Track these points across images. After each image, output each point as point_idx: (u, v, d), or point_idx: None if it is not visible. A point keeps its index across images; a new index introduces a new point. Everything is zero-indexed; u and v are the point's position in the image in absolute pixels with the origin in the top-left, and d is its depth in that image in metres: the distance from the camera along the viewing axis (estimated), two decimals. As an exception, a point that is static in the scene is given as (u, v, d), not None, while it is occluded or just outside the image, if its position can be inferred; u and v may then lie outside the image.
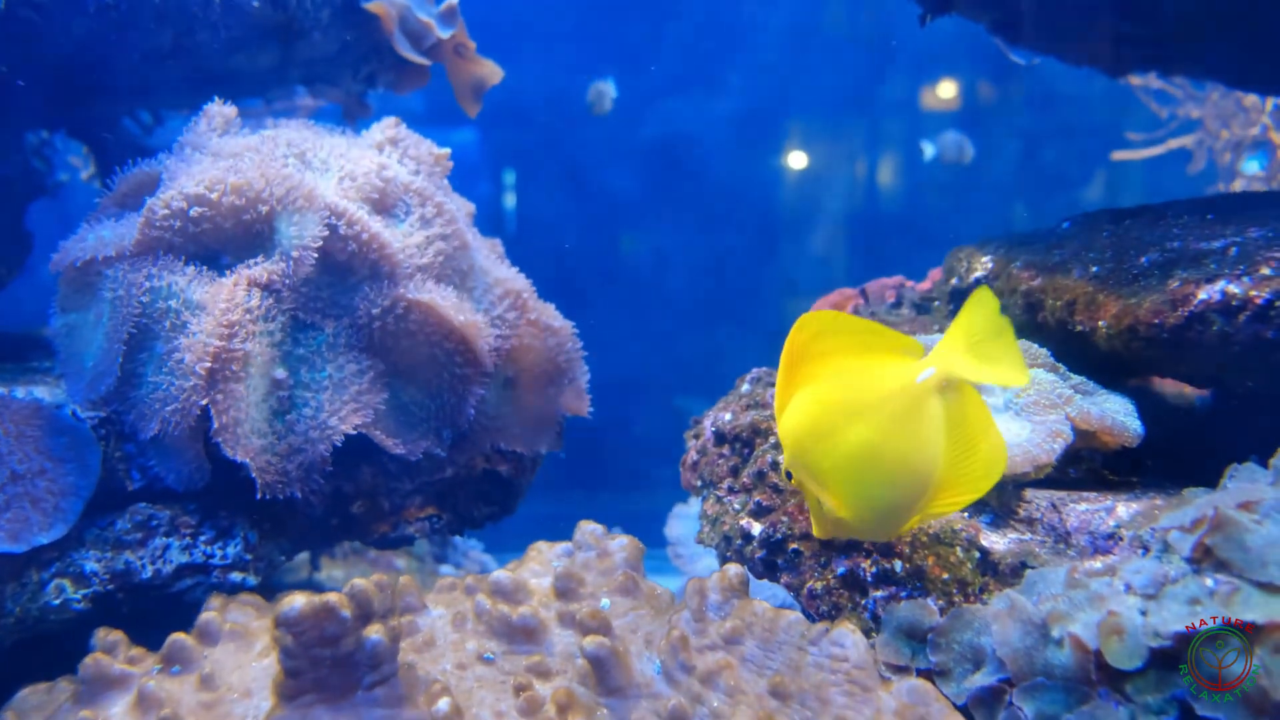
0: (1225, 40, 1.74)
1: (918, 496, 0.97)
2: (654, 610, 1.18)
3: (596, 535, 1.26)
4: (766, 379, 1.58)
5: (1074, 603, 0.98)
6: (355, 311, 1.41)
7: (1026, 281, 1.40)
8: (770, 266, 4.83)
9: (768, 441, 1.38)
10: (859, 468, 0.98)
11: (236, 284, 1.32)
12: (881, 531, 1.04)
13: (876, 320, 1.73)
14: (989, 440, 0.94)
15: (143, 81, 1.88)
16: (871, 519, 1.01)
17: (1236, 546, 0.91)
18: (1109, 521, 1.12)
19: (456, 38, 2.08)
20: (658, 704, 1.02)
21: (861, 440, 0.97)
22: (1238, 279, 1.12)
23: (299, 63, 1.99)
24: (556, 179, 4.75)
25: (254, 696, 1.08)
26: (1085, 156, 4.50)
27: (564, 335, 1.62)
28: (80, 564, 1.29)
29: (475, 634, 1.14)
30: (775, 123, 4.80)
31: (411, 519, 1.56)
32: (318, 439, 1.35)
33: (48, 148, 2.42)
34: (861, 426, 0.97)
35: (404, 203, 1.51)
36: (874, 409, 0.96)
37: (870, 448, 0.96)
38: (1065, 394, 1.21)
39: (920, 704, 0.99)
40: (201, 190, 1.35)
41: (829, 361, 1.00)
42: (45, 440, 1.31)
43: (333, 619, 0.92)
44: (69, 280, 1.41)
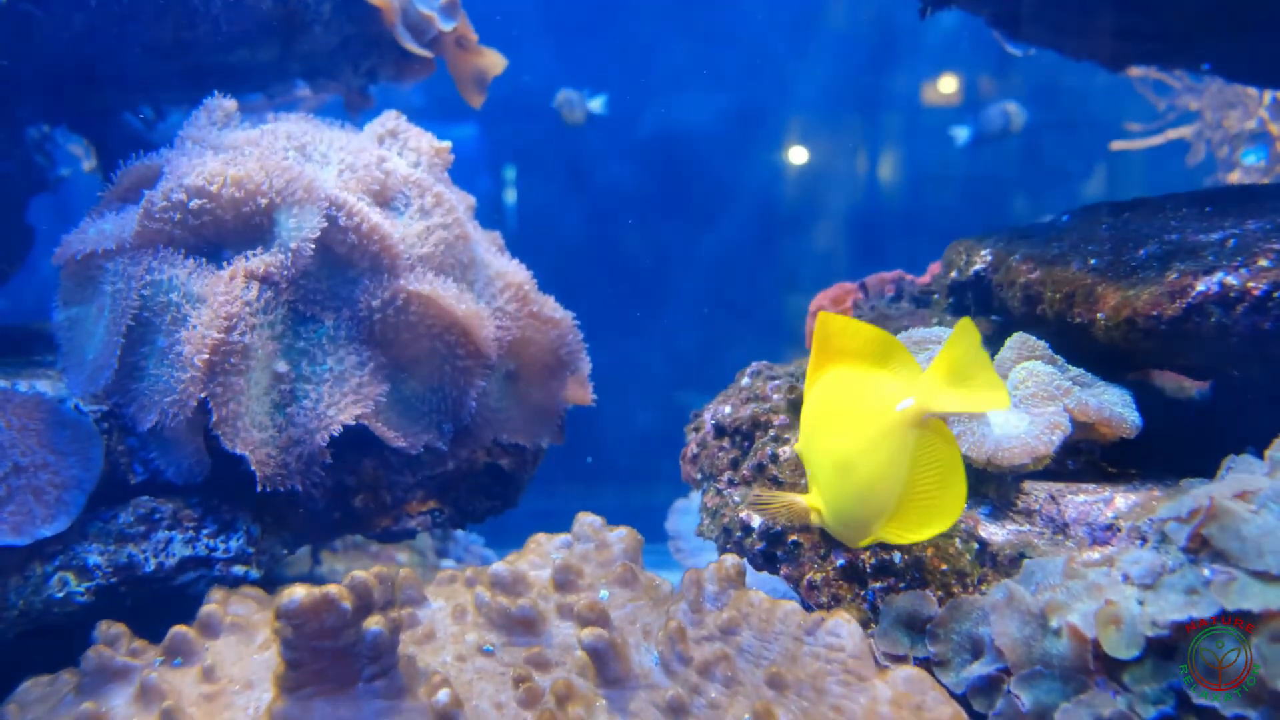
0: (1224, 34, 1.74)
1: (878, 517, 1.00)
2: (652, 602, 1.18)
3: (595, 527, 1.27)
4: (766, 373, 1.58)
5: (1072, 593, 0.98)
6: (355, 304, 1.41)
7: (1025, 274, 1.40)
8: (770, 261, 4.83)
9: (767, 434, 1.38)
10: (836, 477, 1.03)
11: (234, 276, 1.32)
12: (847, 537, 1.08)
13: (877, 314, 1.74)
14: (951, 490, 0.96)
15: (143, 76, 1.88)
16: (839, 525, 1.06)
17: (1233, 536, 0.92)
18: (1107, 513, 1.12)
19: (459, 30, 2.08)
20: (656, 695, 1.02)
21: (841, 453, 1.01)
22: (1235, 270, 1.12)
23: (300, 56, 1.99)
24: (557, 174, 4.75)
25: (255, 688, 1.08)
26: (1085, 150, 4.50)
27: (565, 327, 1.62)
28: (83, 557, 1.30)
29: (475, 626, 1.15)
30: (775, 118, 4.80)
31: (413, 512, 1.57)
32: (315, 429, 1.35)
33: (49, 143, 2.42)
34: (844, 440, 1.01)
35: (404, 195, 1.51)
36: (857, 426, 1.00)
37: (846, 462, 1.01)
38: (1064, 386, 1.21)
39: (916, 692, 1.00)
40: (201, 183, 1.35)
41: (842, 362, 1.02)
42: (48, 434, 1.32)
43: (333, 611, 0.93)
44: (71, 274, 1.41)
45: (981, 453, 1.15)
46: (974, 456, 1.16)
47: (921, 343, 1.35)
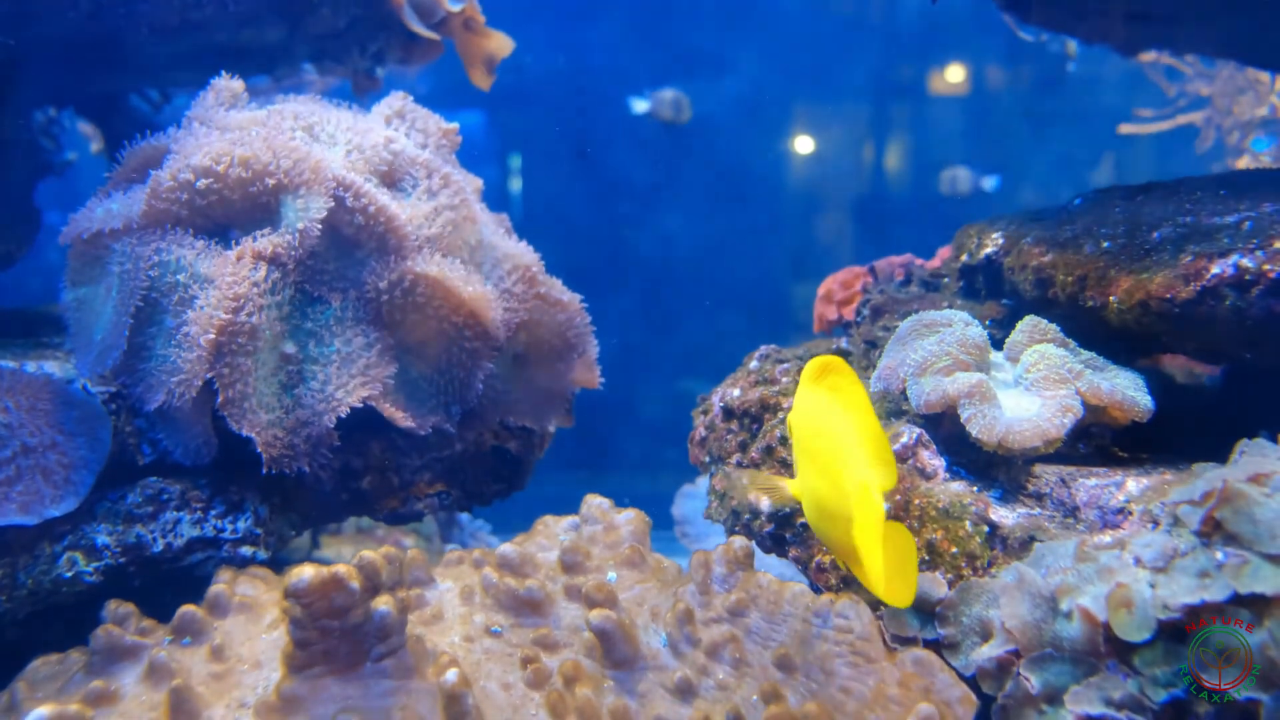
0: (1239, 14, 1.73)
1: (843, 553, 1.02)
2: (660, 583, 1.18)
3: (603, 509, 1.26)
4: (775, 356, 1.57)
5: (1083, 575, 0.97)
6: (363, 285, 1.41)
7: (1037, 257, 1.39)
8: (777, 249, 4.82)
9: (776, 417, 1.38)
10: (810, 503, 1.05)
11: (241, 257, 1.31)
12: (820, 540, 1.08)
13: (886, 297, 1.73)
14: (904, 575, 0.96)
15: (151, 57, 1.87)
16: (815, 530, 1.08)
17: (1246, 519, 0.91)
18: (1118, 496, 1.11)
19: (466, 11, 2.07)
20: (664, 676, 1.02)
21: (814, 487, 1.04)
22: (1251, 253, 1.11)
23: (307, 38, 1.98)
24: (563, 161, 4.73)
25: (264, 667, 1.08)
26: (1094, 139, 4.47)
27: (573, 310, 1.62)
28: (92, 537, 1.30)
29: (483, 607, 1.15)
30: (783, 105, 4.77)
31: (421, 495, 1.57)
32: (323, 411, 1.35)
33: (55, 126, 2.42)
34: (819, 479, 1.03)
35: (411, 176, 1.51)
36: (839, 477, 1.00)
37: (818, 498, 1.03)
38: (1075, 369, 1.20)
39: (925, 674, 0.99)
40: (208, 163, 1.34)
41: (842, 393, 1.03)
42: (56, 414, 1.31)
43: (341, 590, 0.93)
44: (78, 254, 1.41)
45: (992, 435, 1.15)
46: (985, 439, 1.15)
47: (932, 325, 1.34)
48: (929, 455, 1.22)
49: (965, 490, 1.18)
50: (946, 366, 1.24)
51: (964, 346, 1.25)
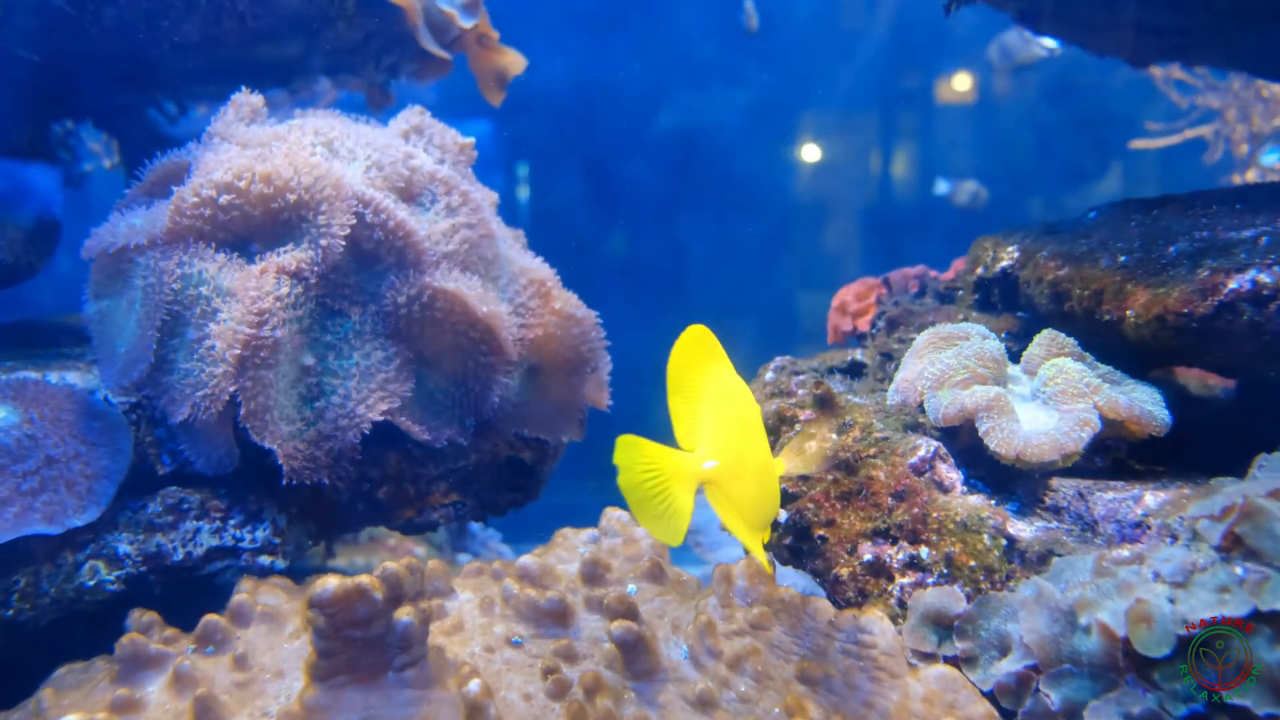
0: (1252, 28, 1.73)
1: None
2: (680, 596, 1.18)
3: (623, 522, 1.27)
4: (790, 368, 1.58)
5: (1102, 590, 0.98)
6: (382, 299, 1.42)
7: (1053, 271, 1.40)
8: (786, 258, 4.83)
9: (793, 429, 1.38)
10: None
11: (265, 272, 1.33)
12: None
13: (901, 309, 1.73)
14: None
15: (170, 72, 1.89)
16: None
17: (1267, 535, 0.91)
18: (1136, 510, 1.12)
19: (479, 28, 2.09)
20: (685, 688, 1.03)
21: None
22: (1269, 268, 1.12)
23: (323, 52, 2.00)
24: (572, 170, 4.75)
25: (286, 677, 1.09)
26: (1102, 149, 4.47)
27: (587, 324, 1.63)
28: (113, 546, 1.31)
29: (503, 618, 1.15)
30: (793, 115, 4.79)
31: (436, 505, 1.58)
32: (347, 427, 1.36)
33: (72, 138, 2.44)
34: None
35: (429, 191, 1.52)
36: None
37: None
38: (1093, 383, 1.21)
39: (949, 690, 1.00)
40: (230, 179, 1.36)
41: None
42: (79, 425, 1.33)
43: (365, 600, 0.93)
44: (101, 267, 1.43)
45: (1010, 449, 1.15)
46: (1003, 452, 1.15)
47: (950, 338, 1.34)
48: (946, 468, 1.23)
49: (983, 503, 1.18)
50: (964, 380, 1.24)
51: (981, 360, 1.26)
